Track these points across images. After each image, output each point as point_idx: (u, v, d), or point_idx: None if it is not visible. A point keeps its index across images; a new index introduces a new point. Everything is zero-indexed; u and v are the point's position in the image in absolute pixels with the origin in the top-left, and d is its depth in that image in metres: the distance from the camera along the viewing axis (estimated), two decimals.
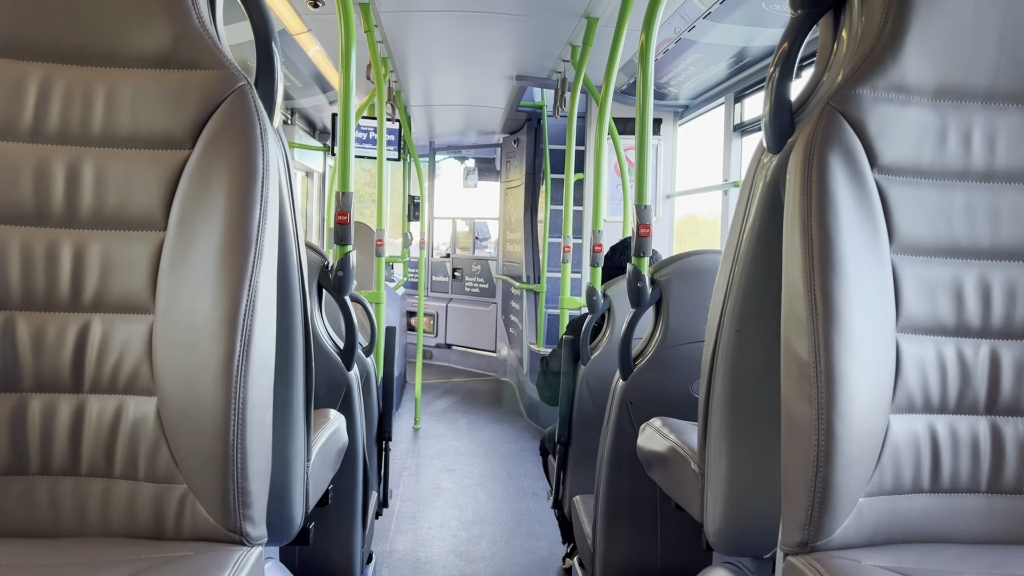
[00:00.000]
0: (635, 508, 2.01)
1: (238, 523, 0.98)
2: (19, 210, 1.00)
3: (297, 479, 1.23)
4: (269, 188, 1.00)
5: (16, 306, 1.00)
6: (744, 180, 1.15)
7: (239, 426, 0.95)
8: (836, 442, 0.89)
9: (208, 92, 1.02)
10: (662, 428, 1.51)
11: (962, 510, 0.98)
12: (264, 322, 0.99)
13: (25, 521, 1.00)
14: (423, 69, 5.29)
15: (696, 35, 3.81)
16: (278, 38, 1.12)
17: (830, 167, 0.94)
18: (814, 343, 0.90)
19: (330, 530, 2.03)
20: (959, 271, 0.98)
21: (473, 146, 9.06)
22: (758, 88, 4.48)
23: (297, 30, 4.21)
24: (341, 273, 1.96)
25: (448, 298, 8.67)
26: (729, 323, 1.17)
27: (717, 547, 1.24)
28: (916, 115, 0.98)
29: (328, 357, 1.96)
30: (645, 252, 1.99)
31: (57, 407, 1.00)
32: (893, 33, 0.97)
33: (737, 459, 1.18)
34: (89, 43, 1.03)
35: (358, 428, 2.04)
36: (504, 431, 5.51)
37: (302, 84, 5.56)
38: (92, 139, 1.02)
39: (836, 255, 0.91)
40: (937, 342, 0.98)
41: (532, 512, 3.78)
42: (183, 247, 0.99)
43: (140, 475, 1.00)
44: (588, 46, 3.86)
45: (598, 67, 3.82)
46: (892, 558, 0.91)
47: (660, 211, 5.63)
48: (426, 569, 3.07)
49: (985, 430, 0.99)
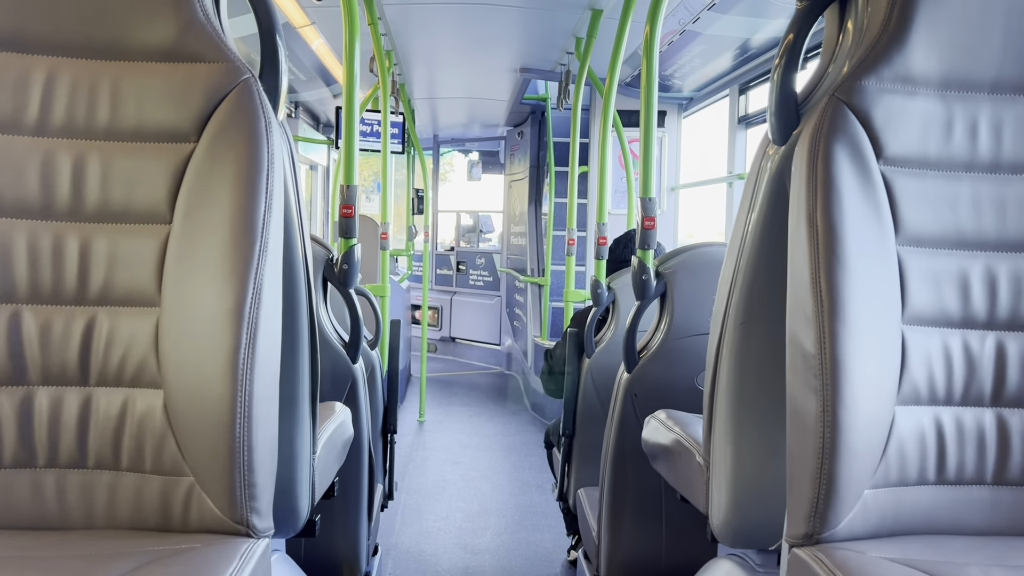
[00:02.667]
0: (640, 500, 2.01)
1: (245, 515, 0.98)
2: (25, 204, 1.01)
3: (303, 471, 1.23)
4: (274, 181, 1.00)
5: (23, 299, 1.00)
6: (749, 172, 1.15)
7: (245, 419, 0.95)
8: (841, 434, 0.89)
9: (213, 85, 1.02)
10: (667, 420, 1.51)
11: (967, 502, 0.98)
12: (269, 315, 0.99)
13: (32, 513, 1.00)
14: (427, 62, 5.28)
15: (701, 27, 3.80)
16: (282, 31, 1.12)
17: (835, 159, 0.94)
18: (819, 335, 0.90)
19: (336, 522, 2.04)
20: (965, 262, 0.98)
21: (477, 139, 9.05)
22: (763, 80, 4.46)
23: (301, 23, 4.21)
24: (346, 266, 1.96)
25: (452, 291, 8.67)
26: (734, 315, 1.17)
27: (722, 539, 1.25)
28: (922, 106, 0.97)
29: (333, 350, 1.96)
30: (650, 244, 1.99)
31: (64, 400, 1.01)
32: (899, 24, 0.97)
33: (742, 451, 1.18)
34: (94, 36, 1.03)
35: (363, 421, 2.04)
36: (508, 424, 5.52)
37: (306, 77, 5.56)
38: (97, 132, 1.02)
39: (841, 247, 0.91)
40: (943, 334, 0.97)
41: (537, 505, 3.79)
42: (189, 240, 0.99)
43: (147, 468, 1.00)
44: (592, 38, 3.85)
45: (602, 59, 3.81)
46: (897, 550, 0.91)
47: (665, 203, 5.62)
48: (431, 561, 3.08)
49: (991, 422, 0.98)
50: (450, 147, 9.37)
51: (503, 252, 8.16)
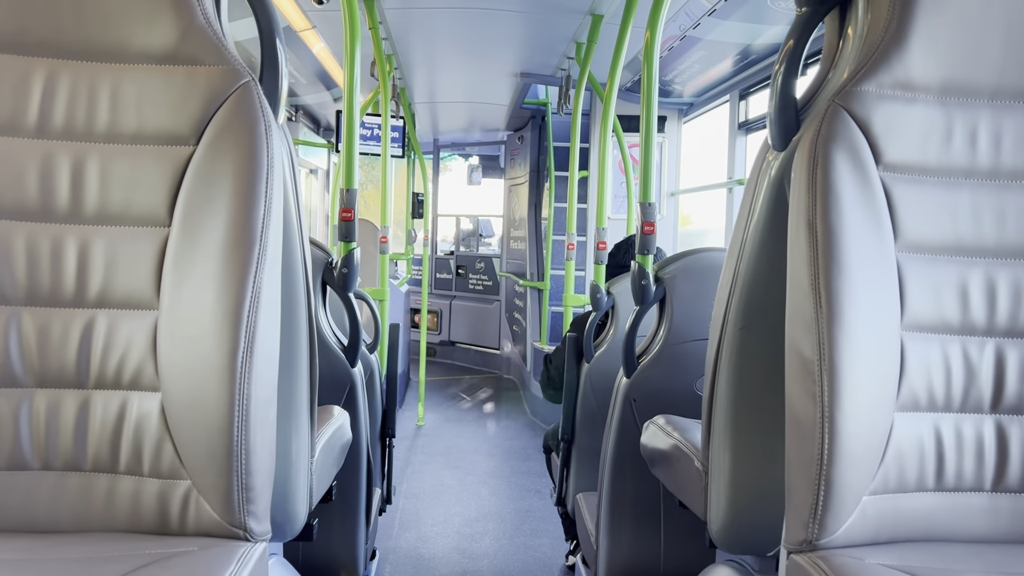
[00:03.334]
0: (638, 506, 2.01)
1: (242, 519, 0.98)
2: (24, 206, 1.00)
3: (301, 475, 1.23)
4: (273, 184, 1.00)
5: (21, 302, 1.00)
6: (749, 178, 1.15)
7: (243, 422, 0.95)
8: (840, 440, 0.89)
9: (213, 88, 1.02)
10: (666, 426, 1.51)
11: (966, 509, 0.98)
12: (268, 318, 0.99)
13: (29, 516, 1.00)
14: (427, 66, 5.29)
15: (701, 32, 3.81)
16: (283, 35, 1.12)
17: (835, 165, 0.94)
18: (818, 341, 0.90)
19: (334, 526, 2.04)
20: (964, 269, 0.98)
21: (477, 143, 9.05)
22: (763, 86, 4.47)
23: (301, 27, 4.21)
24: (345, 270, 1.96)
25: (452, 295, 8.67)
26: (733, 321, 1.16)
27: (720, 545, 1.24)
28: (921, 112, 0.97)
29: (332, 354, 1.96)
30: (649, 249, 1.99)
31: (62, 403, 1.01)
32: (899, 30, 0.97)
33: (741, 457, 1.18)
34: (94, 39, 1.03)
35: (362, 425, 2.04)
36: (507, 428, 5.52)
37: (306, 81, 5.57)
38: (97, 135, 1.02)
39: (841, 253, 0.91)
40: (942, 340, 0.97)
41: (535, 509, 3.79)
42: (188, 243, 0.99)
43: (144, 471, 1.00)
44: (593, 43, 3.85)
45: (603, 64, 3.81)
46: (896, 556, 0.91)
47: (664, 209, 5.62)
48: (429, 566, 3.07)
49: (990, 429, 0.98)
50: (450, 151, 9.37)
51: (503, 256, 8.16)
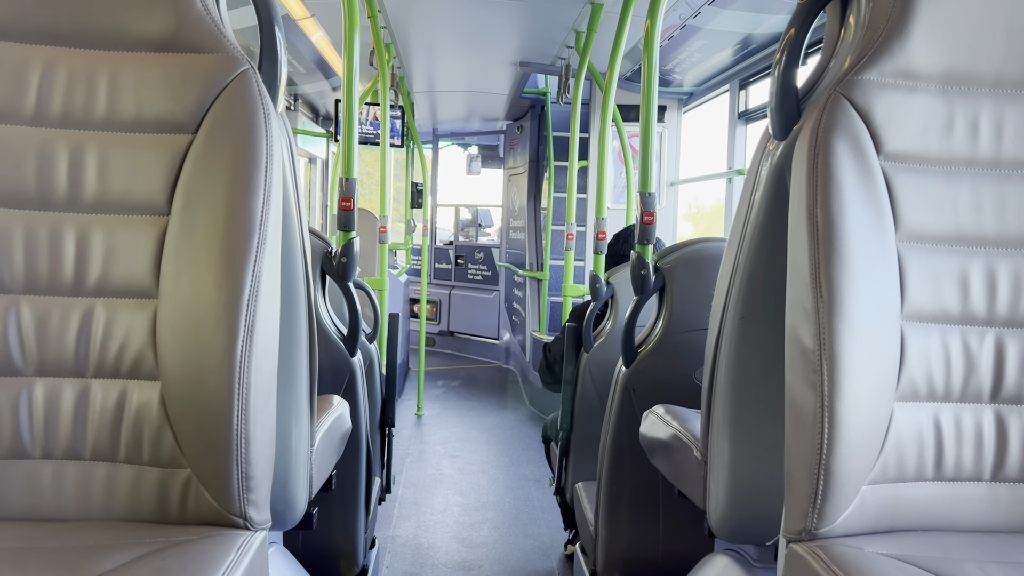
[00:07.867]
0: (637, 495, 2.01)
1: (242, 508, 0.98)
2: (22, 194, 1.00)
3: (301, 464, 1.23)
4: (272, 173, 1.00)
5: (19, 290, 1.00)
6: (749, 167, 1.15)
7: (243, 411, 0.95)
8: (839, 430, 0.89)
9: (211, 76, 1.02)
10: (665, 415, 1.51)
11: (965, 498, 0.98)
12: (268, 308, 0.99)
13: (29, 505, 1.00)
14: (426, 55, 5.27)
15: (701, 21, 3.79)
16: (281, 23, 1.11)
17: (836, 154, 0.94)
18: (818, 330, 0.90)
19: (334, 515, 2.04)
20: (965, 259, 0.98)
21: (476, 133, 9.03)
22: (763, 75, 4.45)
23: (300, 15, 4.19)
24: (345, 259, 1.96)
25: (451, 285, 8.67)
26: (733, 311, 1.16)
27: (719, 534, 1.25)
28: (923, 102, 0.97)
29: (331, 343, 1.96)
30: (649, 239, 1.99)
31: (61, 391, 1.00)
32: (900, 18, 0.96)
33: (740, 446, 1.18)
34: (92, 26, 1.02)
35: (361, 414, 2.04)
36: (506, 418, 5.53)
37: (305, 70, 5.55)
38: (95, 123, 1.02)
39: (841, 243, 0.91)
40: (942, 330, 0.97)
41: (534, 499, 3.80)
42: (187, 232, 0.99)
43: (144, 459, 1.00)
44: (592, 32, 3.84)
45: (602, 54, 3.80)
46: (895, 545, 0.91)
47: (664, 199, 5.62)
48: (429, 554, 3.09)
49: (989, 419, 0.98)
50: (449, 140, 9.35)
51: (502, 246, 8.16)
